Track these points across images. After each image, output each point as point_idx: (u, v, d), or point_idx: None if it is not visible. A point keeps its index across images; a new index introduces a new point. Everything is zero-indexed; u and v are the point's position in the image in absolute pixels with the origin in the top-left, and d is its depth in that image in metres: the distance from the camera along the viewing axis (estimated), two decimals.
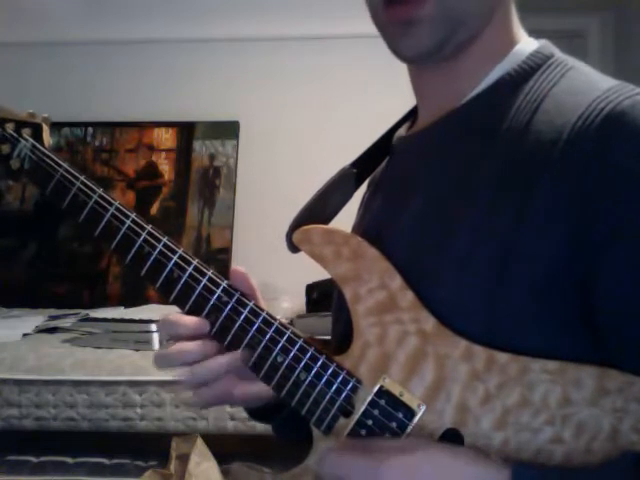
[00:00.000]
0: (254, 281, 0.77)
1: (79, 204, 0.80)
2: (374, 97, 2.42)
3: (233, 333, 0.73)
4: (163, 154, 2.59)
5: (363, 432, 0.66)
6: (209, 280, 0.74)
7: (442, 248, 0.66)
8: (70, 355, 1.78)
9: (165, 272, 0.75)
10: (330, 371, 0.69)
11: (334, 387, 0.68)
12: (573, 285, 0.61)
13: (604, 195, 0.60)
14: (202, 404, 0.76)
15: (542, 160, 0.62)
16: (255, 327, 0.72)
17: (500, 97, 0.70)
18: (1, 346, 1.85)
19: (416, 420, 0.64)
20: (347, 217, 0.85)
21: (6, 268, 2.49)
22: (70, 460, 1.69)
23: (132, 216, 0.78)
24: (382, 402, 0.66)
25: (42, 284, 2.49)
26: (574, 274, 0.61)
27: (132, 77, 2.63)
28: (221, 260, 2.45)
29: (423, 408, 0.64)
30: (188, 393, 0.75)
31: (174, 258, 0.76)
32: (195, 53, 2.61)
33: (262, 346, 0.72)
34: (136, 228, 0.77)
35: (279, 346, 0.71)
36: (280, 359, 0.71)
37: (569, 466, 0.58)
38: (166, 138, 2.60)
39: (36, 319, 2.12)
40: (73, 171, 0.82)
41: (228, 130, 2.57)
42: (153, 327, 1.83)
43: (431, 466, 0.58)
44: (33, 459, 1.70)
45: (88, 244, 2.47)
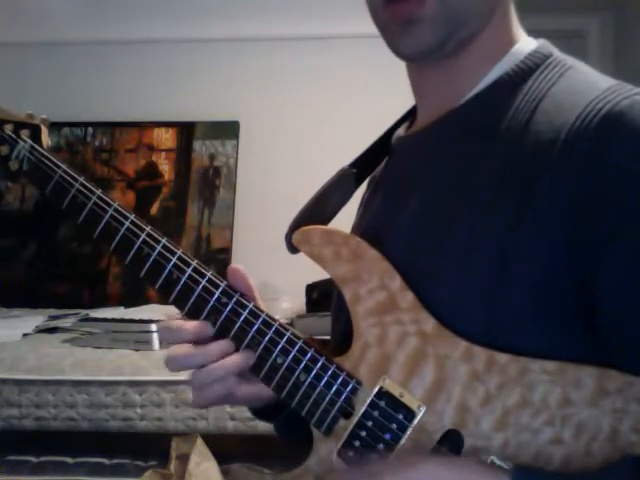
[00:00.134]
0: (252, 280, 0.76)
1: (78, 205, 0.80)
2: (374, 97, 2.41)
3: (233, 334, 0.73)
4: (163, 154, 2.58)
5: (363, 433, 0.66)
6: (208, 281, 0.74)
7: (441, 248, 0.66)
8: (70, 355, 1.78)
9: (164, 273, 0.75)
10: (330, 372, 0.69)
11: (334, 388, 0.68)
12: (573, 285, 0.61)
13: (603, 195, 0.59)
14: (203, 405, 0.75)
15: (541, 160, 0.62)
16: (255, 328, 0.72)
17: (499, 97, 0.70)
18: (1, 346, 1.84)
19: (416, 421, 0.64)
20: (347, 217, 0.85)
21: (6, 268, 2.49)
22: (70, 460, 1.69)
23: (131, 217, 0.78)
24: (382, 403, 0.66)
25: (42, 284, 2.49)
26: (574, 274, 0.61)
27: (132, 77, 2.63)
28: (221, 260, 2.45)
29: (423, 409, 0.64)
30: (189, 393, 0.74)
31: (173, 259, 0.75)
32: (195, 53, 2.60)
33: (262, 347, 0.72)
34: (135, 229, 0.77)
35: (279, 347, 0.71)
36: (280, 360, 0.71)
37: (569, 467, 0.58)
38: (166, 138, 2.59)
39: (36, 319, 2.11)
40: (72, 172, 0.81)
41: (228, 130, 2.56)
42: (153, 327, 1.83)
43: (430, 478, 0.58)
44: (33, 459, 1.69)
45: (88, 244, 2.47)
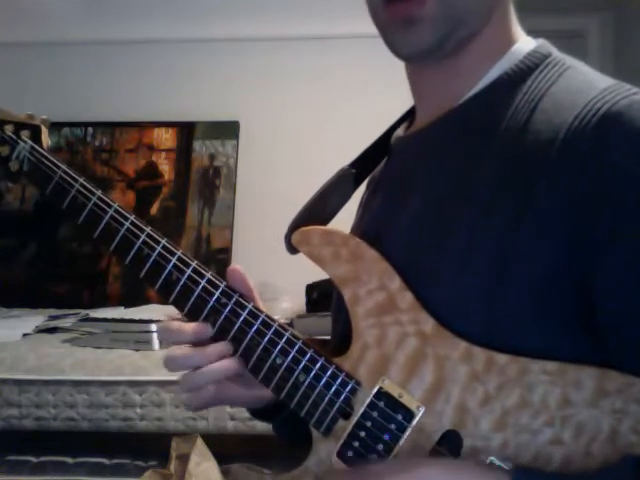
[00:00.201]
0: (251, 281, 0.76)
1: (78, 206, 0.80)
2: (374, 97, 2.41)
3: (232, 335, 0.73)
4: (163, 154, 2.58)
5: (362, 434, 0.66)
6: (208, 282, 0.74)
7: (441, 248, 0.66)
8: (70, 355, 1.78)
9: (164, 274, 0.75)
10: (329, 373, 0.69)
11: (333, 389, 0.68)
12: (573, 285, 0.61)
13: (602, 195, 0.59)
14: (197, 407, 0.75)
15: (540, 160, 0.62)
16: (254, 329, 0.72)
17: (498, 97, 0.70)
18: (1, 346, 1.84)
19: (415, 422, 0.64)
20: (347, 217, 0.85)
21: (6, 268, 2.49)
22: (70, 460, 1.69)
23: (131, 218, 0.78)
24: (381, 404, 0.66)
25: (42, 284, 2.48)
26: (574, 274, 0.61)
27: (132, 77, 2.63)
28: (221, 260, 2.45)
29: (422, 410, 0.64)
30: (185, 394, 0.74)
31: (173, 260, 0.75)
32: (195, 53, 2.60)
33: (261, 348, 0.72)
34: (135, 230, 0.77)
35: (278, 348, 0.71)
36: (279, 361, 0.71)
37: (569, 467, 0.58)
38: (166, 138, 2.59)
39: (36, 319, 2.11)
40: (72, 173, 0.81)
41: (228, 130, 2.56)
42: (153, 327, 1.83)
43: None
44: (33, 459, 1.69)
45: (88, 244, 2.46)
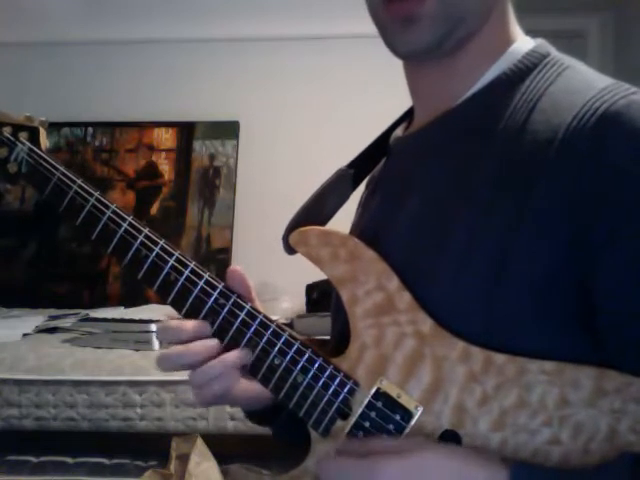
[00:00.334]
0: (251, 282, 0.76)
1: (76, 207, 0.80)
2: (374, 97, 2.41)
3: (230, 336, 0.73)
4: (163, 154, 2.58)
5: (360, 434, 0.66)
6: (206, 283, 0.74)
7: (439, 248, 0.66)
8: (70, 355, 1.78)
9: (162, 275, 0.75)
10: (327, 373, 0.69)
11: (331, 389, 0.68)
12: (572, 285, 0.61)
13: (601, 195, 0.59)
14: (203, 403, 0.75)
15: (540, 160, 0.62)
16: (252, 330, 0.72)
17: (496, 96, 0.70)
18: (1, 346, 1.84)
19: (413, 422, 0.64)
20: (345, 217, 0.85)
21: (6, 268, 2.49)
22: (70, 460, 1.69)
23: (129, 219, 0.78)
24: (379, 404, 0.66)
25: (42, 284, 2.49)
26: (573, 274, 0.61)
27: (132, 77, 2.63)
28: (221, 260, 2.45)
29: (420, 410, 0.64)
30: (189, 393, 0.74)
31: (171, 261, 0.76)
32: (195, 53, 2.60)
33: (259, 349, 0.72)
34: (133, 231, 0.77)
35: (276, 348, 0.71)
36: (277, 361, 0.71)
37: (567, 467, 0.58)
38: (166, 138, 2.59)
39: (36, 319, 2.11)
40: (70, 174, 0.82)
41: (228, 130, 2.56)
42: (153, 327, 1.83)
43: (429, 467, 0.58)
44: (33, 459, 1.69)
45: (88, 244, 2.47)
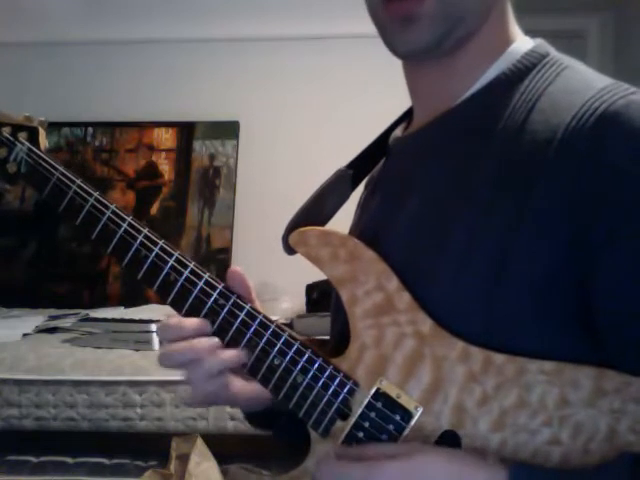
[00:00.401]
0: (251, 282, 0.76)
1: (76, 207, 0.80)
2: (374, 97, 2.41)
3: (230, 336, 0.73)
4: (163, 154, 2.59)
5: (360, 435, 0.66)
6: (205, 283, 0.74)
7: (439, 248, 0.66)
8: (70, 355, 1.78)
9: (162, 275, 0.75)
10: (327, 374, 0.69)
11: (331, 390, 0.68)
12: (572, 285, 0.61)
13: (600, 195, 0.59)
14: (198, 402, 0.75)
15: (539, 160, 0.62)
16: (252, 330, 0.72)
17: (495, 97, 0.70)
18: (1, 346, 1.84)
19: (413, 422, 0.64)
20: (345, 218, 0.85)
21: (6, 268, 2.49)
22: (70, 460, 1.69)
23: (128, 219, 0.78)
24: (379, 404, 0.66)
25: (42, 284, 2.49)
26: (573, 274, 0.61)
27: (132, 77, 2.63)
28: (221, 260, 2.45)
29: (420, 410, 0.64)
30: (188, 391, 0.74)
31: (170, 261, 0.75)
32: (195, 53, 2.60)
33: (259, 349, 0.72)
34: (132, 232, 0.77)
35: (276, 349, 0.71)
36: (277, 362, 0.71)
37: (567, 467, 0.58)
38: (166, 138, 2.59)
39: (36, 319, 2.11)
40: (69, 175, 0.81)
41: (228, 130, 2.57)
42: (153, 327, 1.83)
43: (428, 470, 0.58)
44: (33, 459, 1.69)
45: (88, 244, 2.47)
